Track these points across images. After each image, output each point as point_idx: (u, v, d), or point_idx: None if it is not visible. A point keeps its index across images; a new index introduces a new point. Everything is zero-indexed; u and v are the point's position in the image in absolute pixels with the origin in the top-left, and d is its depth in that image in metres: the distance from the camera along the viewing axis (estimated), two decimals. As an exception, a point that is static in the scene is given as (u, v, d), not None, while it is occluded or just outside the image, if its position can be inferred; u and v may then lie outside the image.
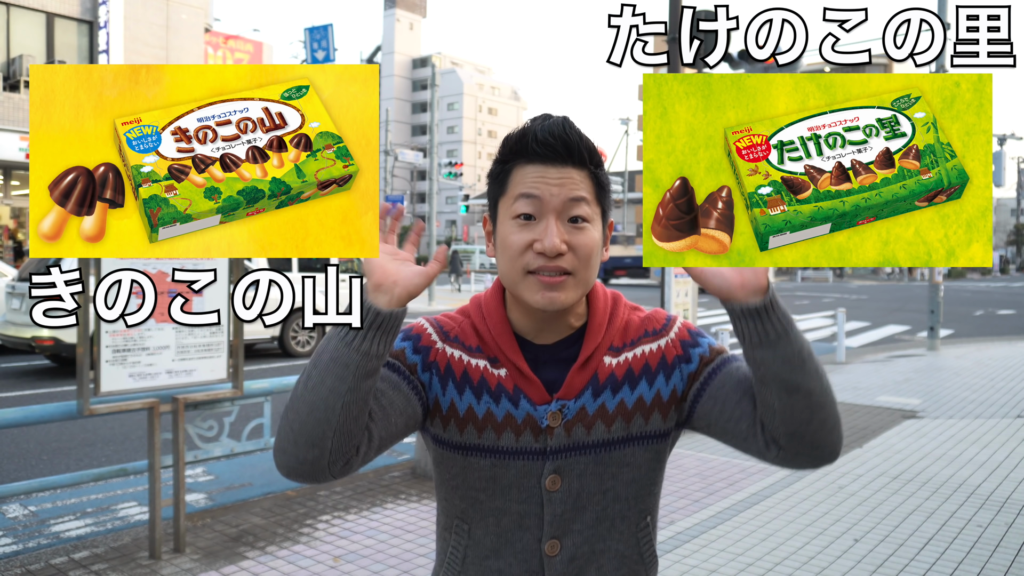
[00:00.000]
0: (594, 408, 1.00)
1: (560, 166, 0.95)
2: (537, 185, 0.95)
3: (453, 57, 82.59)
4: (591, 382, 1.00)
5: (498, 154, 1.00)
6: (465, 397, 1.00)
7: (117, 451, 5.28)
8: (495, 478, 1.00)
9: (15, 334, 8.12)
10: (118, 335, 3.10)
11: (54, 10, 16.58)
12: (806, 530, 3.68)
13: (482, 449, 0.99)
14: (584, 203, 0.96)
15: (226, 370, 3.43)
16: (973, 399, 7.04)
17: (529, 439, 0.99)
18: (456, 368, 1.01)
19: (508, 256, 0.96)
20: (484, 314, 1.04)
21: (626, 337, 1.04)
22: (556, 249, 0.93)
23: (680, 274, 6.32)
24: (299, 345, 10.08)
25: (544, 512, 1.00)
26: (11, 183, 16.59)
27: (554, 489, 1.00)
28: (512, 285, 0.98)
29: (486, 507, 1.02)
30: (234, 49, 23.44)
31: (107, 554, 3.29)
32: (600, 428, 1.00)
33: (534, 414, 0.99)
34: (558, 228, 0.94)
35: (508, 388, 1.00)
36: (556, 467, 0.99)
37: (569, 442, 0.99)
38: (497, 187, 1.00)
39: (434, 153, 20.01)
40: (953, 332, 13.98)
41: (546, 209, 0.94)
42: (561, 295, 0.95)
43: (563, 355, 1.02)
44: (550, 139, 0.95)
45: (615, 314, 1.05)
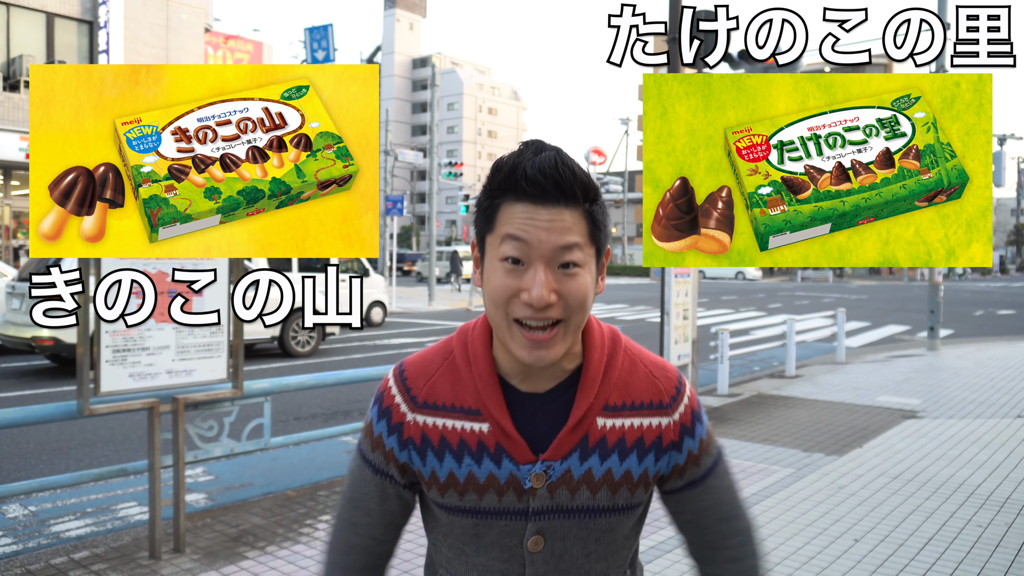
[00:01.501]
0: (580, 472, 0.95)
1: (551, 207, 0.88)
2: (526, 228, 0.88)
3: (453, 57, 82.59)
4: (579, 444, 0.95)
5: (487, 184, 0.93)
6: (445, 463, 0.96)
7: (117, 451, 5.27)
8: (478, 536, 0.98)
9: (15, 334, 8.12)
10: (118, 335, 3.10)
11: (54, 10, 16.58)
12: (806, 530, 3.68)
13: (463, 510, 0.97)
14: (576, 248, 0.89)
15: (226, 370, 3.43)
16: (973, 399, 7.04)
17: (512, 499, 0.95)
18: (432, 436, 0.96)
19: (493, 301, 0.91)
20: (470, 359, 0.97)
21: (627, 396, 0.97)
22: (544, 301, 0.87)
23: (680, 274, 6.31)
24: (299, 345, 10.08)
25: (526, 572, 0.98)
26: (11, 183, 16.59)
27: (536, 550, 0.97)
28: (498, 330, 0.93)
29: (471, 561, 0.99)
30: (234, 49, 23.44)
31: (107, 554, 3.29)
32: (585, 494, 0.95)
33: (517, 474, 0.94)
34: (547, 277, 0.88)
35: (490, 447, 0.94)
36: (539, 528, 0.96)
37: (552, 504, 0.95)
38: (484, 221, 0.93)
39: (434, 153, 20.00)
40: (953, 332, 13.98)
41: (534, 255, 0.88)
42: (550, 352, 0.90)
43: (552, 407, 0.96)
44: (540, 178, 0.87)
45: (612, 364, 0.98)
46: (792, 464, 4.86)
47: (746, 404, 6.83)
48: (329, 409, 6.69)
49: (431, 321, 15.21)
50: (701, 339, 11.57)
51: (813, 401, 6.96)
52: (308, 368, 9.00)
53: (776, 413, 6.45)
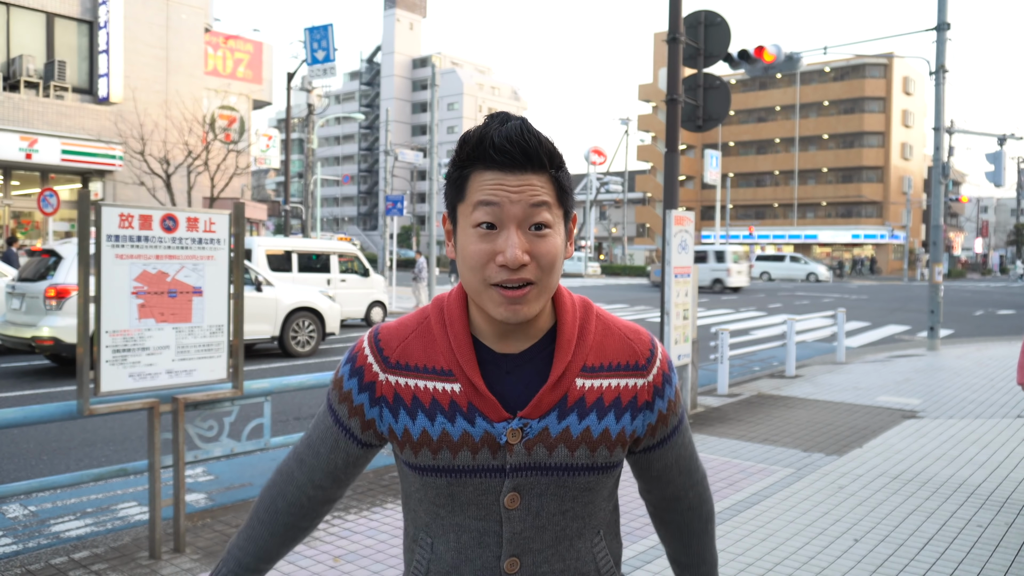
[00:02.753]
0: (558, 430, 0.97)
1: (519, 173, 0.92)
2: (496, 192, 0.91)
3: (453, 57, 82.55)
4: (558, 404, 0.97)
5: (455, 156, 0.96)
6: (418, 421, 0.98)
7: (117, 451, 5.27)
8: (453, 495, 0.98)
9: (15, 334, 8.12)
10: (118, 335, 3.10)
11: (54, 10, 16.57)
12: (806, 530, 3.68)
13: (437, 469, 0.98)
14: (545, 208, 0.93)
15: (226, 370, 3.43)
16: (973, 399, 7.05)
17: (487, 456, 0.96)
18: (404, 395, 0.99)
19: (469, 267, 0.94)
20: (446, 321, 1.00)
21: (603, 357, 1.01)
22: (518, 261, 0.90)
23: (680, 274, 6.31)
24: (299, 345, 10.08)
25: (503, 530, 0.98)
26: (11, 183, 16.57)
27: (513, 507, 0.98)
28: (474, 295, 0.95)
29: (447, 522, 1.00)
30: (234, 49, 23.42)
31: (107, 554, 3.29)
32: (563, 452, 0.97)
33: (492, 431, 0.96)
34: (519, 238, 0.91)
35: (462, 406, 0.96)
36: (515, 485, 0.97)
37: (529, 461, 0.97)
38: (455, 192, 0.96)
39: (434, 153, 20.00)
40: (953, 332, 13.98)
41: (507, 218, 0.92)
42: (524, 308, 0.93)
43: (527, 367, 0.99)
44: (507, 145, 0.91)
45: (585, 328, 1.01)
46: (792, 464, 4.86)
47: (746, 404, 6.83)
48: (329, 409, 6.69)
49: (431, 321, 15.19)
50: (701, 339, 11.57)
51: (813, 401, 6.96)
52: (308, 368, 9.00)
53: (776, 413, 6.45)
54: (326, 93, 57.99)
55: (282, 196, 26.46)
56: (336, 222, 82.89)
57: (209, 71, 21.71)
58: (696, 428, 5.85)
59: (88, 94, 17.11)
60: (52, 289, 7.82)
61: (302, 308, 10.09)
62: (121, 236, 3.08)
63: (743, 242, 55.23)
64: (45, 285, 7.89)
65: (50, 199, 13.46)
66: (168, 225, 3.21)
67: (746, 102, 58.18)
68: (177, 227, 3.23)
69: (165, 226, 3.20)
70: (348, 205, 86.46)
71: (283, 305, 9.86)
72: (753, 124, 58.93)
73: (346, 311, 13.06)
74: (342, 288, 13.10)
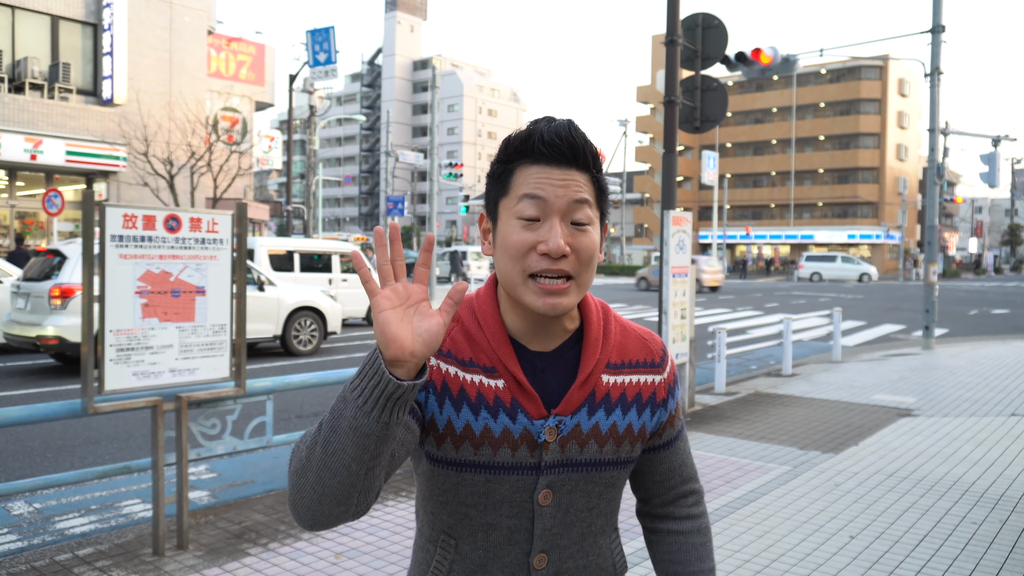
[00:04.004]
0: (588, 426, 1.00)
1: (565, 168, 0.95)
2: (542, 186, 0.94)
3: (453, 59, 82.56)
4: (588, 399, 1.00)
5: (499, 154, 0.99)
6: (463, 414, 0.97)
7: (121, 449, 5.31)
8: (488, 493, 0.99)
9: (20, 333, 8.16)
10: (122, 334, 3.14)
11: (58, 12, 16.63)
12: (802, 527, 3.72)
13: (478, 465, 0.98)
14: (587, 206, 0.96)
15: (229, 369, 3.46)
16: (968, 397, 7.08)
17: (525, 454, 0.98)
18: (452, 385, 0.98)
19: (510, 256, 0.95)
20: (479, 320, 1.01)
21: (624, 356, 1.04)
22: (561, 251, 0.92)
23: (679, 273, 6.35)
24: (301, 344, 10.12)
25: (534, 527, 1.00)
26: (16, 184, 16.62)
27: (546, 504, 1.00)
28: (512, 287, 0.96)
29: (476, 522, 1.00)
30: (236, 51, 23.46)
31: (111, 551, 3.33)
32: (593, 447, 1.00)
33: (531, 428, 0.97)
34: (562, 229, 0.94)
35: (505, 401, 0.97)
36: (549, 482, 0.99)
37: (563, 458, 0.99)
38: (498, 187, 0.98)
39: (434, 154, 20.03)
40: (948, 331, 14.01)
41: (550, 211, 0.94)
42: (563, 300, 0.95)
43: (559, 364, 1.01)
44: (556, 140, 0.94)
45: (607, 327, 1.05)
46: (788, 462, 4.90)
47: (743, 402, 6.87)
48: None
49: (431, 321, 15.22)
50: (699, 338, 11.61)
51: (809, 399, 7.00)
52: (310, 367, 9.04)
53: (773, 411, 6.49)
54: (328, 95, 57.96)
55: (284, 197, 26.49)
56: (338, 222, 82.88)
57: (212, 73, 21.76)
58: (694, 426, 5.89)
59: (92, 96, 17.16)
60: (57, 289, 7.86)
61: (304, 307, 10.13)
62: (125, 236, 3.13)
63: (740, 242, 55.28)
64: (50, 285, 7.93)
65: (55, 200, 13.50)
66: (171, 225, 3.25)
67: (743, 104, 58.20)
68: (180, 227, 3.28)
69: (168, 226, 3.24)
70: (349, 206, 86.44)
71: (285, 304, 9.90)
72: (750, 125, 58.94)
73: (348, 310, 13.10)
74: (344, 288, 13.14)
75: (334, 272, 13.20)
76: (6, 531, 3.77)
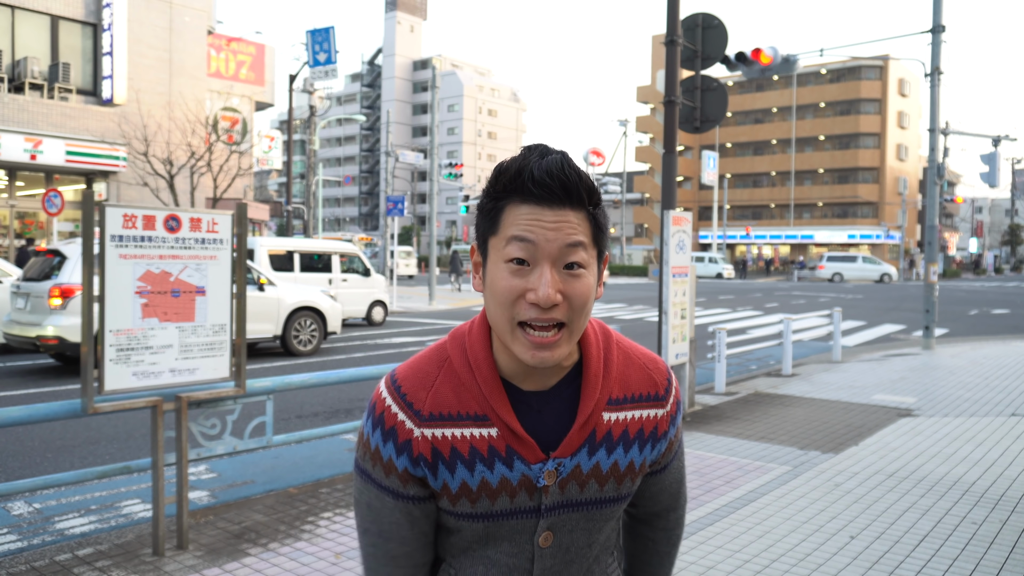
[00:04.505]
0: (588, 466, 0.97)
1: (557, 208, 0.88)
2: (532, 228, 0.88)
3: (453, 59, 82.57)
4: (588, 439, 0.97)
5: (489, 187, 0.92)
6: (457, 474, 0.94)
7: (121, 449, 5.31)
8: (487, 536, 0.98)
9: (20, 333, 8.16)
10: (122, 334, 3.14)
11: (58, 12, 16.64)
12: (802, 527, 3.72)
13: (475, 516, 0.96)
14: (581, 248, 0.90)
15: (229, 369, 3.46)
16: (968, 397, 7.08)
17: (524, 499, 0.96)
18: (442, 448, 0.95)
19: (497, 303, 0.90)
20: (471, 364, 0.96)
21: (627, 389, 1.00)
22: (551, 300, 0.87)
23: (679, 273, 6.36)
24: (301, 344, 10.12)
25: (534, 567, 0.99)
26: (16, 184, 16.63)
27: (546, 545, 0.98)
28: (501, 334, 0.92)
29: (476, 556, 1.00)
30: (236, 51, 23.47)
31: (111, 551, 3.33)
32: (593, 487, 0.97)
33: (529, 474, 0.95)
34: (553, 276, 0.88)
35: (500, 450, 0.94)
36: (550, 524, 0.97)
37: (563, 499, 0.97)
38: (487, 223, 0.92)
39: (434, 154, 20.04)
40: (948, 331, 14.02)
41: (541, 255, 0.88)
42: (554, 353, 0.90)
43: (556, 401, 0.97)
44: (547, 180, 0.88)
45: (609, 359, 1.00)
46: (789, 462, 4.90)
47: (743, 402, 6.87)
48: (331, 407, 6.73)
49: (431, 320, 15.25)
50: (699, 338, 11.61)
51: (809, 399, 7.00)
52: (310, 367, 9.04)
53: (773, 411, 6.49)
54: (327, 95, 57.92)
55: (284, 197, 26.49)
56: (338, 222, 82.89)
57: (212, 73, 21.76)
58: (694, 426, 5.89)
59: (92, 96, 17.16)
60: (56, 289, 7.86)
61: (304, 307, 10.14)
62: (125, 236, 3.13)
63: (740, 242, 55.30)
64: (50, 285, 7.94)
65: (54, 200, 13.51)
66: (171, 225, 3.25)
67: (743, 104, 58.22)
68: (180, 227, 3.28)
69: (168, 226, 3.24)
70: (349, 206, 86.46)
71: (285, 304, 9.90)
72: (750, 125, 58.97)
73: (347, 310, 13.11)
74: (343, 288, 13.14)
75: (334, 272, 13.20)
76: (6, 531, 3.77)
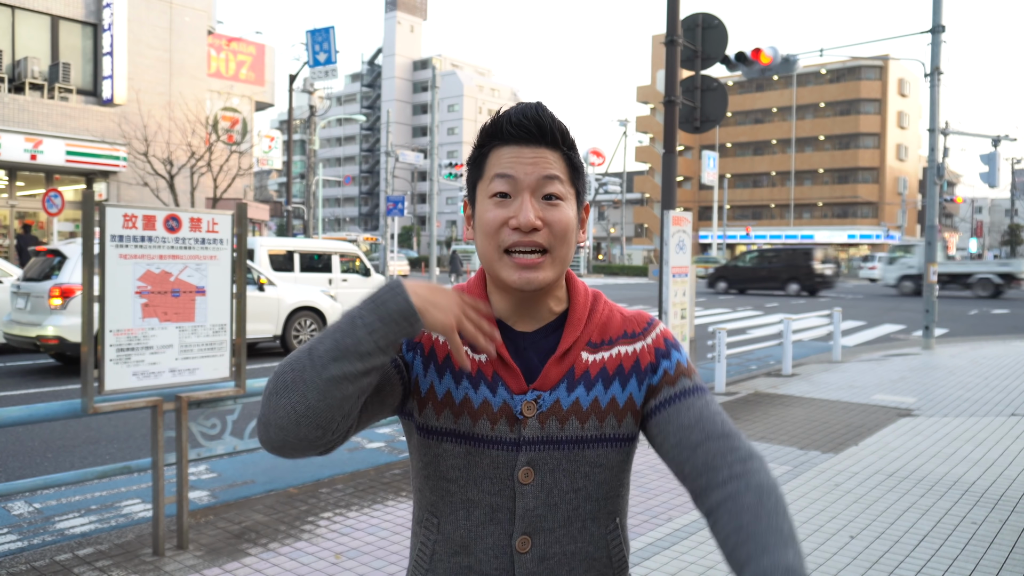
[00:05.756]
0: (568, 403, 0.99)
1: (534, 146, 0.98)
2: (512, 164, 0.97)
3: (453, 59, 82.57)
4: (566, 376, 1.00)
5: (476, 141, 1.03)
6: (444, 380, 1.00)
7: (121, 449, 5.31)
8: (468, 466, 0.99)
9: (20, 333, 8.16)
10: (122, 334, 3.14)
11: (58, 12, 16.64)
12: (802, 527, 3.72)
13: (457, 435, 0.99)
14: (558, 181, 0.98)
15: (229, 369, 3.47)
16: (968, 397, 7.08)
17: (504, 428, 0.98)
18: (439, 351, 1.02)
19: (484, 234, 0.99)
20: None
21: (605, 334, 1.05)
22: (531, 224, 0.95)
23: (679, 273, 6.36)
24: (301, 344, 10.12)
25: (516, 506, 0.99)
26: (16, 184, 16.63)
27: (527, 482, 0.98)
28: (489, 264, 1.00)
29: (457, 499, 1.00)
30: (236, 51, 23.47)
31: (111, 551, 3.33)
32: (573, 424, 0.99)
33: (510, 402, 0.98)
34: (532, 205, 0.96)
35: (487, 374, 1.00)
36: (529, 459, 0.98)
37: (542, 434, 0.98)
38: (475, 171, 1.02)
39: (434, 154, 20.06)
40: (948, 331, 14.02)
41: (521, 187, 0.97)
42: (538, 275, 0.97)
43: (542, 344, 1.02)
44: (524, 120, 0.97)
45: (595, 309, 1.06)
46: (789, 462, 4.90)
47: (743, 402, 6.87)
48: (330, 408, 6.72)
49: (431, 321, 15.22)
50: (699, 338, 11.61)
51: (809, 399, 7.00)
52: (309, 368, 9.02)
53: (773, 411, 6.49)
54: (327, 95, 57.92)
55: (284, 197, 26.49)
56: (338, 222, 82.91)
57: (212, 73, 21.76)
58: (694, 427, 5.88)
59: (92, 96, 17.16)
60: (57, 289, 7.86)
61: (304, 307, 10.14)
62: (125, 236, 3.13)
63: (740, 242, 55.31)
64: (50, 285, 7.94)
65: (55, 199, 13.52)
66: (171, 225, 3.25)
67: (743, 104, 58.22)
68: (180, 227, 3.28)
69: (168, 226, 3.24)
70: (349, 206, 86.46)
71: (285, 304, 9.90)
72: (750, 125, 58.97)
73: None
74: (344, 288, 13.15)
75: (334, 272, 13.21)
76: (6, 531, 3.77)
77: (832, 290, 25.33)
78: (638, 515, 3.79)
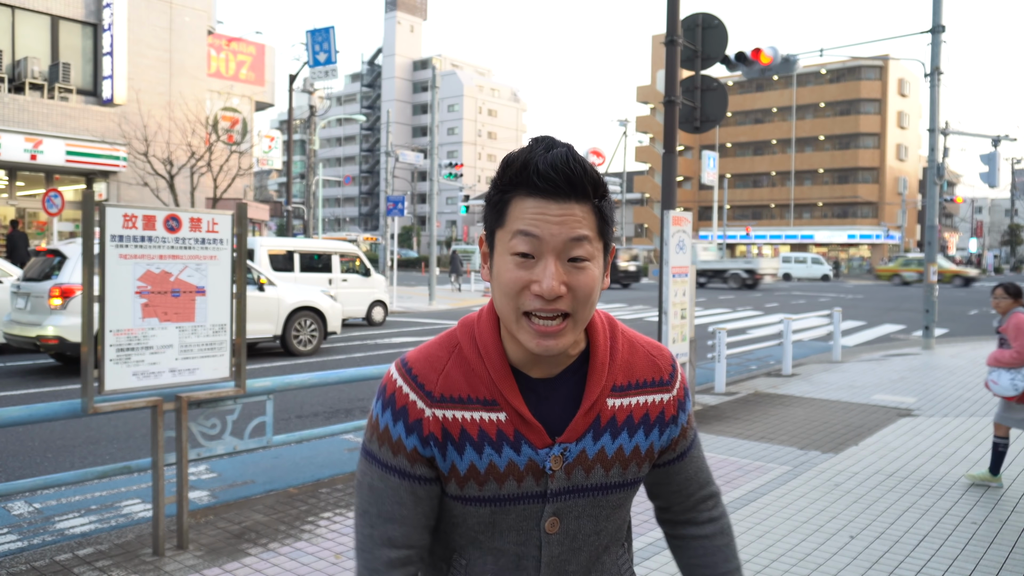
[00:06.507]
0: (594, 452, 0.98)
1: (562, 201, 0.89)
2: (537, 223, 0.89)
3: (453, 59, 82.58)
4: (592, 424, 0.98)
5: (497, 179, 0.94)
6: (466, 456, 0.96)
7: (121, 449, 5.31)
8: (495, 523, 0.99)
9: (20, 333, 8.16)
10: (122, 334, 3.14)
11: (58, 12, 16.64)
12: (802, 527, 3.72)
13: (483, 500, 0.97)
14: (586, 242, 0.91)
15: (229, 369, 3.47)
16: (967, 397, 7.09)
17: (531, 483, 0.97)
18: (452, 429, 0.97)
19: (503, 293, 0.92)
20: (481, 350, 0.98)
21: (631, 376, 1.02)
22: (554, 293, 0.89)
23: (679, 273, 6.36)
24: (301, 344, 10.12)
25: (542, 554, 1.00)
26: (16, 183, 16.63)
27: (553, 531, 0.99)
28: (507, 323, 0.94)
29: (485, 546, 1.01)
30: (236, 51, 23.47)
31: (111, 551, 3.33)
32: (599, 472, 0.99)
33: (536, 459, 0.96)
34: (557, 269, 0.89)
35: (508, 434, 0.96)
36: (556, 509, 0.99)
37: (569, 484, 0.98)
38: (494, 216, 0.94)
39: (435, 154, 20.06)
40: (948, 331, 14.03)
41: (545, 249, 0.89)
42: (559, 342, 0.92)
43: (563, 389, 0.99)
44: (552, 174, 0.88)
45: (615, 347, 1.02)
46: (789, 462, 4.90)
47: (743, 402, 6.87)
48: (331, 407, 6.73)
49: (431, 320, 15.25)
50: (699, 338, 11.61)
51: (809, 399, 7.00)
52: (310, 367, 9.04)
53: (773, 411, 6.49)
54: (327, 95, 57.92)
55: (284, 197, 26.51)
56: (338, 222, 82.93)
57: (212, 73, 21.77)
58: (694, 427, 5.89)
59: (92, 96, 17.16)
60: (57, 289, 7.86)
61: (304, 307, 10.14)
62: (125, 236, 3.13)
63: (740, 242, 55.33)
64: (50, 285, 7.94)
65: (55, 200, 13.52)
66: (171, 225, 3.25)
67: (743, 104, 58.23)
68: (180, 227, 3.28)
69: (168, 226, 3.24)
70: (349, 206, 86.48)
71: (285, 304, 9.90)
72: (750, 125, 58.98)
73: (347, 310, 13.11)
74: (343, 288, 13.14)
75: (334, 272, 13.21)
76: (6, 531, 3.77)
77: (638, 283, 30.77)
78: (638, 515, 3.79)
